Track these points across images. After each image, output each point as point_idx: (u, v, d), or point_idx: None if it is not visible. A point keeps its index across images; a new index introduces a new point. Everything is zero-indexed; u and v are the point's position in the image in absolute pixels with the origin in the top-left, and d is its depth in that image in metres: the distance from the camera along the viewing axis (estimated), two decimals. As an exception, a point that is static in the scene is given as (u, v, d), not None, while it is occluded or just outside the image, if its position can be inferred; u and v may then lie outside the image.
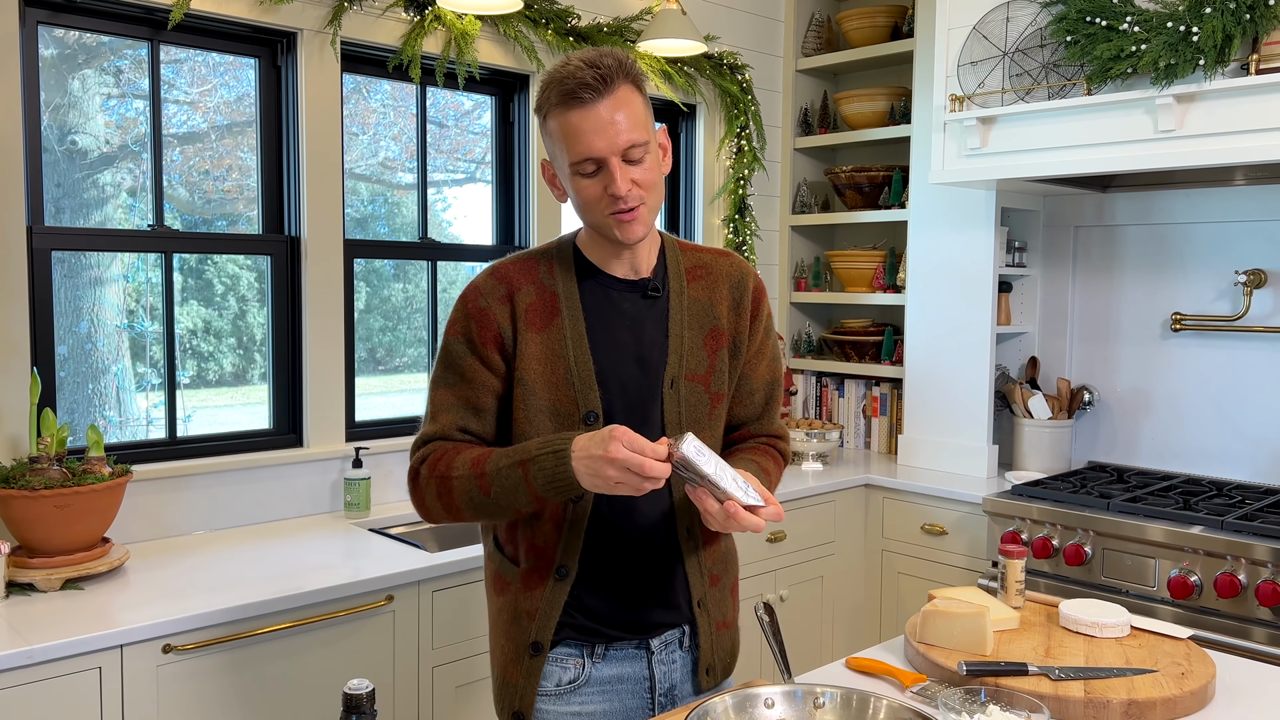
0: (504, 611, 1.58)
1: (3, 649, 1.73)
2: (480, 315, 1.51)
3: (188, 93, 2.66)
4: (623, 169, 1.43)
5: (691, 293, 1.59)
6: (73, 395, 2.52)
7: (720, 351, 1.60)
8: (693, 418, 1.57)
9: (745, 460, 1.60)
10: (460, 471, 1.46)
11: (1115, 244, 3.35)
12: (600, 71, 1.40)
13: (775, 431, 1.72)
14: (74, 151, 2.48)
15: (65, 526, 2.07)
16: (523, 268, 1.55)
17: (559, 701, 1.55)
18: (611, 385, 1.52)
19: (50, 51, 2.41)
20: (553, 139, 1.47)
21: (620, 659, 1.58)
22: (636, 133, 1.43)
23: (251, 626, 2.01)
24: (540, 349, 1.51)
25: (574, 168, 1.45)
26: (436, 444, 1.53)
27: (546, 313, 1.52)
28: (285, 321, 2.74)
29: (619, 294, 1.56)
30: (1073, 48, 2.69)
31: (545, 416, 1.51)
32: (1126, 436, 3.35)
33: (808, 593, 3.24)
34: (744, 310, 1.63)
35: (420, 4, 2.80)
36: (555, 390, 1.50)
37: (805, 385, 3.97)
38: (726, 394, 1.62)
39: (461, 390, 1.52)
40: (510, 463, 1.42)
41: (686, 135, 3.70)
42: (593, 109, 1.41)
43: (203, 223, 2.70)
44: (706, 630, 1.62)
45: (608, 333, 1.53)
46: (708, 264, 1.63)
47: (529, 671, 1.54)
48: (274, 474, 2.65)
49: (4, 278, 2.22)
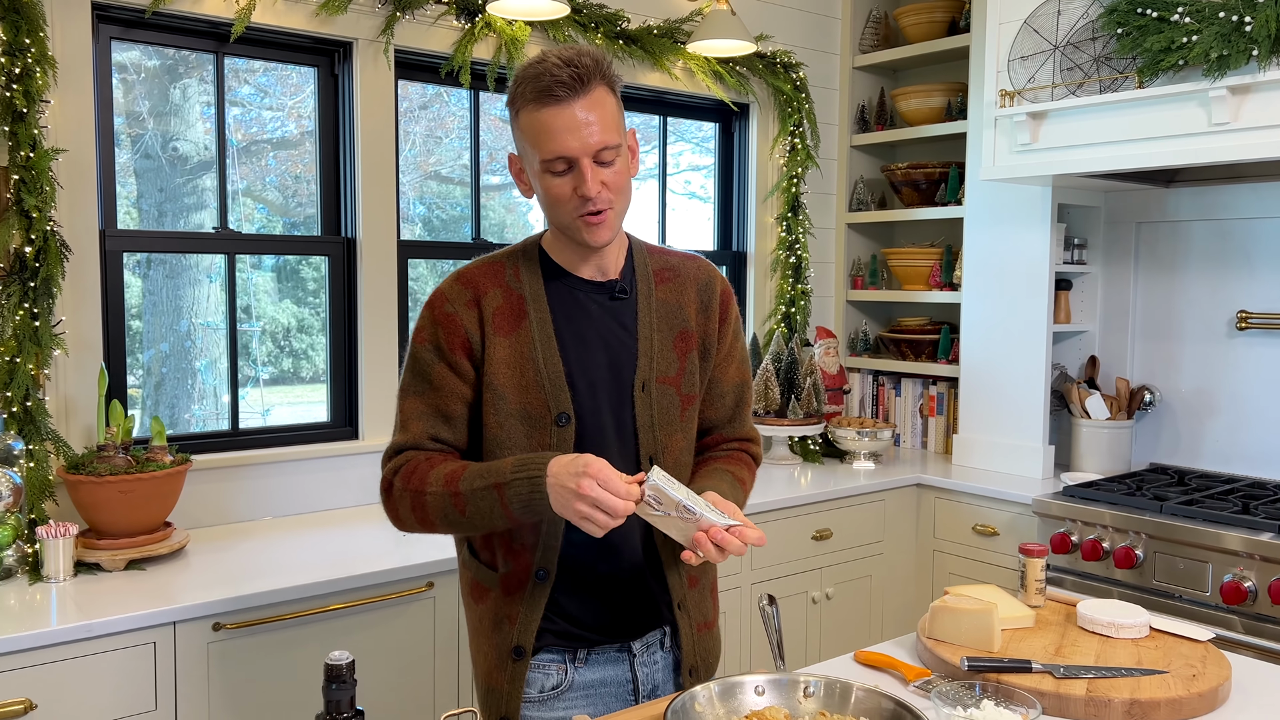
0: (485, 618, 1.58)
1: (67, 623, 1.87)
2: (447, 321, 1.50)
3: (280, 100, 2.81)
4: (594, 170, 1.43)
5: (660, 295, 1.60)
6: (174, 390, 2.70)
7: (690, 354, 1.60)
8: (664, 420, 1.57)
9: (719, 471, 1.61)
10: (434, 488, 1.46)
11: (1179, 240, 3.26)
12: (577, 70, 1.41)
13: (746, 434, 1.73)
14: (175, 158, 2.64)
15: (129, 510, 2.21)
16: (489, 271, 1.54)
17: (543, 708, 1.56)
18: (581, 386, 1.52)
19: (153, 63, 2.57)
20: (523, 134, 1.46)
21: (602, 663, 1.59)
22: (609, 135, 1.44)
23: (297, 608, 2.12)
24: (509, 353, 1.50)
25: (544, 165, 1.45)
26: (409, 454, 1.52)
27: (514, 316, 1.51)
28: (342, 319, 2.86)
29: (586, 295, 1.55)
30: (1124, 40, 2.64)
31: (516, 420, 1.51)
32: (1190, 438, 3.26)
33: (855, 591, 3.24)
34: (712, 313, 1.63)
35: (471, 11, 2.89)
36: (525, 394, 1.50)
37: (861, 384, 3.96)
38: (697, 396, 1.63)
39: (431, 398, 1.52)
40: (485, 485, 1.42)
41: (739, 134, 3.72)
42: (567, 107, 1.41)
43: (293, 224, 2.84)
44: (688, 632, 1.62)
45: (576, 334, 1.53)
46: (675, 267, 1.63)
47: (513, 676, 1.54)
48: (329, 465, 2.77)
49: (78, 279, 2.37)
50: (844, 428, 3.52)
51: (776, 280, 3.74)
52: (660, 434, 1.56)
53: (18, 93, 2.20)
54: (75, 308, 2.37)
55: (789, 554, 3.03)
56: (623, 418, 1.54)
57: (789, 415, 3.48)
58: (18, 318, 2.22)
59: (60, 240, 2.29)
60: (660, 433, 1.57)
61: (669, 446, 1.58)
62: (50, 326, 2.26)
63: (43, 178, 2.23)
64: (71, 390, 2.37)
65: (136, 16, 2.46)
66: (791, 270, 3.70)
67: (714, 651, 1.69)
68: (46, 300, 2.26)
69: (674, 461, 1.59)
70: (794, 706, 1.37)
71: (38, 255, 2.23)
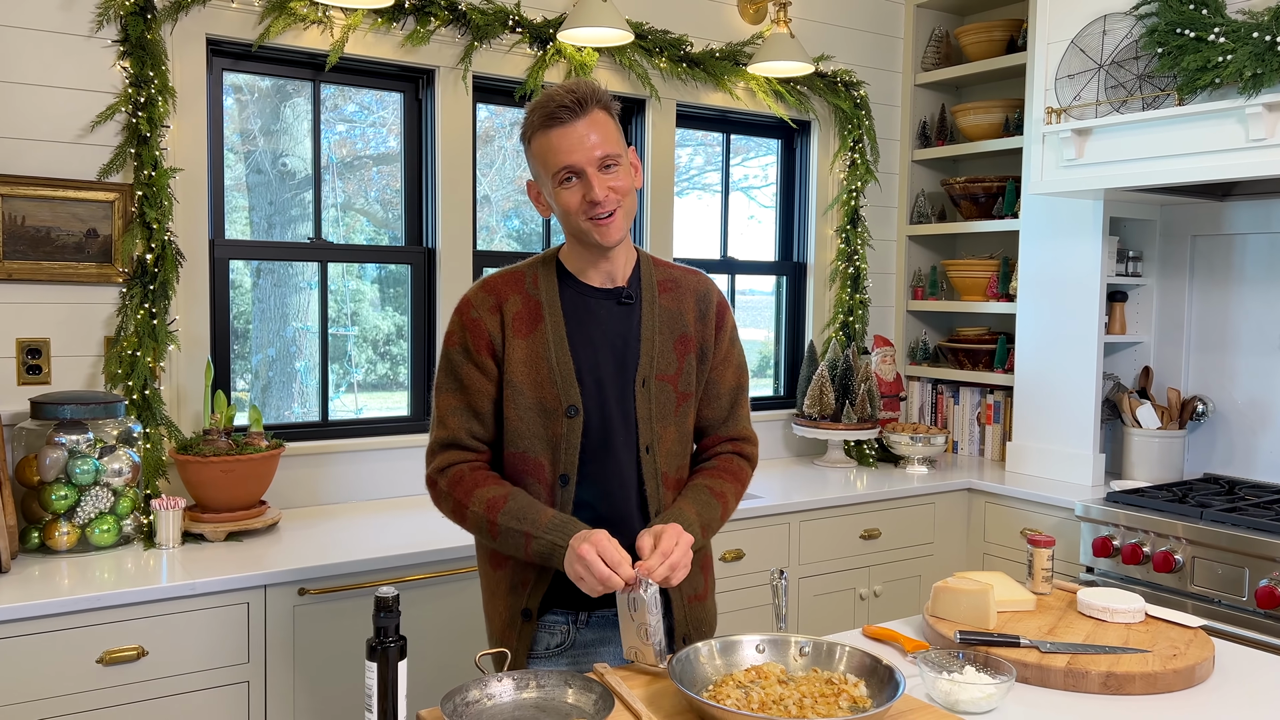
0: (502, 582, 1.76)
1: (175, 581, 2.14)
2: (474, 326, 1.71)
3: (382, 116, 3.10)
4: (599, 177, 1.63)
5: (662, 302, 1.78)
6: (279, 392, 3.01)
7: (688, 356, 1.78)
8: (660, 413, 1.75)
9: (698, 488, 1.77)
10: (476, 508, 1.67)
11: (1234, 253, 3.30)
12: (576, 96, 1.63)
13: (742, 434, 1.89)
14: (284, 173, 2.95)
15: (229, 488, 2.50)
16: (510, 280, 1.75)
17: (549, 663, 1.76)
18: (589, 382, 1.71)
19: (265, 83, 2.88)
20: (536, 158, 1.68)
21: (602, 624, 1.77)
22: (609, 147, 1.64)
23: (374, 578, 2.36)
24: (526, 352, 1.70)
25: (555, 178, 1.65)
26: (451, 454, 1.72)
27: (531, 319, 1.71)
28: (423, 321, 3.12)
29: (596, 301, 1.74)
30: (1164, 59, 2.73)
31: (533, 413, 1.70)
32: (1244, 449, 3.29)
33: (904, 590, 3.35)
34: (709, 321, 1.82)
35: (543, 40, 3.13)
36: (540, 388, 1.69)
37: (921, 392, 4.06)
38: (694, 394, 1.80)
39: (463, 396, 1.72)
40: (519, 529, 1.63)
41: (801, 150, 3.88)
42: (571, 127, 1.62)
43: (394, 235, 3.13)
44: (679, 603, 1.78)
45: (586, 336, 1.72)
46: (676, 279, 1.82)
47: (522, 634, 1.73)
48: (408, 455, 3.02)
49: (190, 284, 2.68)
50: (898, 433, 3.64)
51: (835, 290, 3.88)
52: (657, 425, 1.75)
53: (142, 119, 2.51)
54: (187, 309, 2.68)
55: (837, 550, 3.17)
56: (625, 410, 1.73)
57: (843, 420, 3.61)
58: (139, 316, 2.53)
59: (176, 249, 2.60)
60: (657, 424, 1.75)
61: (663, 437, 1.76)
62: (166, 325, 2.57)
63: (162, 194, 2.54)
64: (182, 381, 2.67)
65: (244, 49, 2.77)
66: (850, 281, 3.84)
67: (707, 621, 1.85)
68: (163, 302, 2.56)
69: (666, 451, 1.76)
70: (789, 663, 1.54)
71: (156, 262, 2.54)
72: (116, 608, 2.08)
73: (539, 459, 1.71)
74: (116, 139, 2.55)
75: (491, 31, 3.03)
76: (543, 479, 1.72)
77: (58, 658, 2.03)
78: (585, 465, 1.72)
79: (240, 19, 2.71)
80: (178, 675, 2.15)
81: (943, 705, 1.50)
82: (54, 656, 2.03)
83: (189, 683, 2.16)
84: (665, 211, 3.46)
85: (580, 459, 1.71)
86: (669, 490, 1.77)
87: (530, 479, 1.72)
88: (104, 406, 2.39)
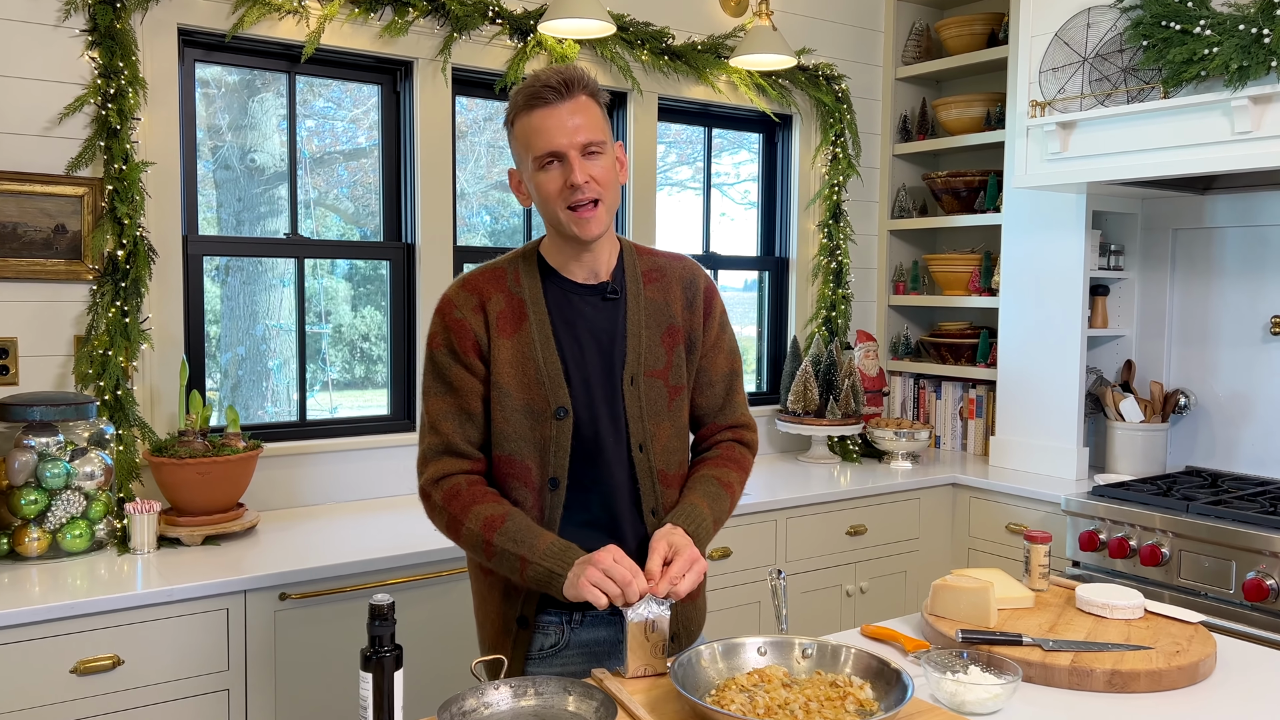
0: (495, 588, 1.71)
1: (151, 588, 2.08)
2: (458, 326, 1.65)
3: (352, 111, 3.03)
4: (581, 162, 1.58)
5: (648, 294, 1.73)
6: (249, 391, 2.93)
7: (677, 348, 1.74)
8: (652, 410, 1.70)
9: (706, 480, 1.73)
10: (471, 526, 1.61)
11: (1215, 246, 3.31)
12: (563, 78, 1.58)
13: (740, 420, 1.85)
14: (252, 168, 2.87)
15: (206, 491, 2.43)
16: (491, 277, 1.68)
17: (543, 665, 1.71)
18: (577, 382, 1.66)
19: (233, 78, 2.80)
20: (518, 140, 1.62)
21: (596, 624, 1.72)
22: (594, 133, 1.59)
23: (356, 582, 2.31)
24: (511, 353, 1.64)
25: (536, 162, 1.59)
26: (449, 468, 1.66)
27: (515, 318, 1.65)
28: (402, 318, 3.06)
29: (580, 298, 1.69)
30: (1149, 51, 2.72)
31: (521, 415, 1.65)
32: (1226, 442, 3.30)
33: (890, 586, 3.34)
34: (697, 308, 1.77)
35: (523, 31, 3.08)
36: (528, 390, 1.64)
37: (903, 387, 4.05)
38: (685, 386, 1.76)
39: (453, 398, 1.66)
40: (514, 552, 1.57)
41: (782, 145, 3.85)
42: (555, 109, 1.57)
43: (366, 233, 3.06)
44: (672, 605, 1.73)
45: (572, 334, 1.67)
46: (662, 266, 1.77)
47: (517, 641, 1.69)
48: (389, 455, 2.96)
49: (163, 281, 2.60)
50: (882, 428, 3.62)
51: (818, 285, 3.86)
52: (649, 423, 1.70)
53: (112, 111, 2.43)
54: (160, 306, 2.60)
55: (824, 547, 3.15)
56: (615, 409, 1.68)
57: (827, 415, 3.59)
58: (110, 315, 2.45)
59: (148, 245, 2.52)
60: (649, 422, 1.70)
61: (657, 434, 1.71)
62: (138, 323, 2.49)
63: (133, 188, 2.46)
64: (156, 381, 2.60)
65: (217, 40, 2.69)
66: (832, 275, 3.82)
67: (696, 620, 1.81)
68: (135, 299, 2.49)
69: (662, 447, 1.72)
70: (792, 665, 1.51)
71: (128, 258, 2.47)
72: (90, 615, 2.01)
73: (526, 462, 1.66)
74: (85, 132, 2.47)
75: (471, 22, 2.97)
76: (530, 483, 1.67)
77: (30, 668, 1.96)
78: (575, 467, 1.67)
79: (213, 9, 2.63)
80: (155, 684, 2.08)
81: (948, 706, 1.47)
82: (26, 667, 1.95)
83: (167, 692, 2.10)
84: (648, 205, 3.42)
85: (570, 461, 1.67)
86: (667, 488, 1.72)
87: (517, 483, 1.67)
88: (75, 408, 2.32)
